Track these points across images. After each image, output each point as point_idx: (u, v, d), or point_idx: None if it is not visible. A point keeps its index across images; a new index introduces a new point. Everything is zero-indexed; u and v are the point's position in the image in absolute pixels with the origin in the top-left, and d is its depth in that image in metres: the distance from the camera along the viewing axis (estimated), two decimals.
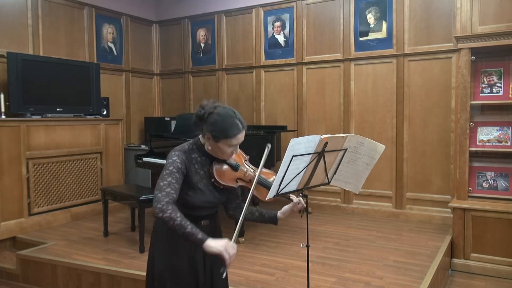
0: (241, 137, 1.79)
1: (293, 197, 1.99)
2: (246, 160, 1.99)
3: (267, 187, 1.95)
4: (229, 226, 3.97)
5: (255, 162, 2.02)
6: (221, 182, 1.86)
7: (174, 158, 1.77)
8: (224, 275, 1.66)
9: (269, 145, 1.91)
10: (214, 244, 1.59)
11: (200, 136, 1.87)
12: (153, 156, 4.50)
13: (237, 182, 1.91)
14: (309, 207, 2.06)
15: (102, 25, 5.65)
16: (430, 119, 4.54)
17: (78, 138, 4.81)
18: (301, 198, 1.99)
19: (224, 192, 1.93)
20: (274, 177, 1.98)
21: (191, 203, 1.81)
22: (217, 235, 1.98)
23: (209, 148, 1.83)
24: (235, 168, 1.90)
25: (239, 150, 1.94)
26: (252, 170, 1.96)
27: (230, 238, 1.66)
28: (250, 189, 1.85)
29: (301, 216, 2.06)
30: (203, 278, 1.89)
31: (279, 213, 2.01)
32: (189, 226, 1.61)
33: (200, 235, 1.60)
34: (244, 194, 1.99)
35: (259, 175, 1.86)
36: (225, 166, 1.88)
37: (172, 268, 1.85)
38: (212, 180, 1.86)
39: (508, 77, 3.69)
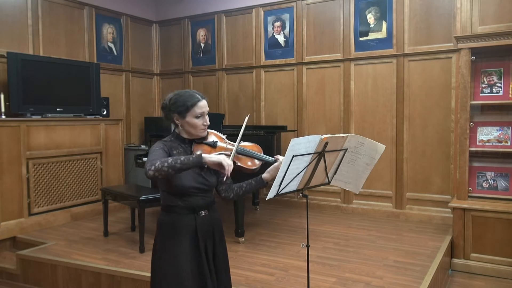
0: (202, 105, 1.91)
1: (278, 157, 2.01)
2: (224, 139, 2.06)
3: (249, 155, 2.00)
4: (229, 226, 3.97)
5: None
6: None
7: (156, 146, 1.88)
8: (227, 180, 1.84)
9: (249, 115, 2.11)
10: (212, 156, 1.74)
11: (175, 129, 1.97)
12: None
13: None
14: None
15: (102, 25, 5.65)
16: (430, 119, 4.54)
17: (78, 138, 4.81)
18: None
19: (211, 172, 1.96)
20: (251, 145, 2.06)
21: (182, 187, 1.85)
22: (216, 227, 2.01)
23: (181, 129, 1.93)
24: (213, 145, 1.96)
25: (216, 132, 2.04)
26: (232, 145, 2.01)
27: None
28: (234, 162, 1.91)
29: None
30: (208, 276, 1.91)
31: (264, 174, 1.99)
32: (181, 157, 1.71)
33: (193, 156, 1.73)
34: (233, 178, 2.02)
35: (237, 145, 1.93)
36: (204, 146, 1.96)
37: (177, 267, 1.87)
38: None
39: (508, 77, 3.69)
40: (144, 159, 4.53)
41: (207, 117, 1.93)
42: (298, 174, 1.96)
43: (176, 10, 6.26)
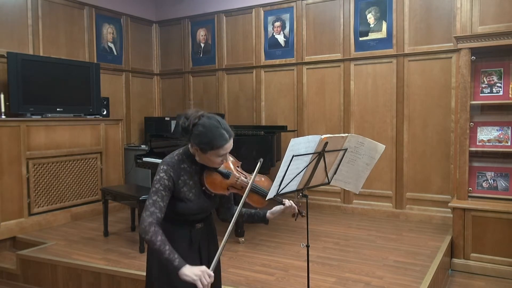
0: (228, 146, 1.77)
1: (285, 201, 1.98)
2: (238, 167, 1.97)
3: (259, 193, 1.95)
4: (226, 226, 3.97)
5: (254, 163, 2.00)
6: (212, 191, 1.86)
7: (162, 175, 1.76)
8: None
9: (261, 160, 1.93)
10: (189, 273, 1.59)
11: (189, 145, 1.84)
12: (153, 156, 4.51)
13: (228, 189, 1.90)
14: (303, 209, 2.05)
15: (102, 25, 5.65)
16: (430, 119, 4.54)
17: (78, 138, 4.81)
18: (292, 202, 1.98)
19: (216, 198, 1.94)
20: (263, 180, 2.00)
21: (182, 213, 1.82)
22: (211, 236, 1.99)
23: (198, 158, 1.82)
24: (226, 176, 1.88)
25: (231, 158, 1.94)
26: (244, 176, 1.94)
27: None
28: (241, 195, 1.85)
29: (295, 220, 2.05)
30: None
31: (268, 213, 2.00)
32: (167, 252, 1.63)
33: (176, 262, 1.62)
34: (236, 198, 1.99)
35: (252, 183, 1.84)
36: (216, 174, 1.87)
37: (171, 276, 1.83)
38: (203, 188, 1.86)
39: (508, 77, 3.69)
40: (144, 159, 4.53)
41: (228, 154, 1.83)
42: (298, 174, 1.96)
43: (176, 10, 6.26)
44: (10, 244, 4.17)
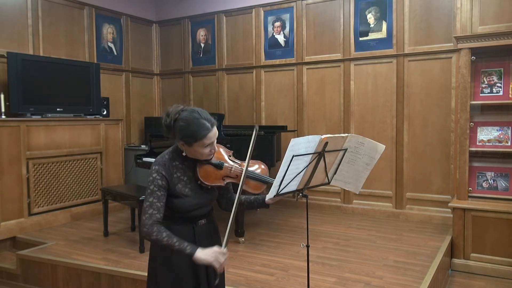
0: (212, 135, 1.77)
1: None
2: (230, 156, 1.98)
3: (256, 179, 1.96)
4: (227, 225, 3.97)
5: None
6: (207, 183, 1.86)
7: (154, 175, 1.77)
8: (217, 281, 1.75)
9: (257, 126, 1.91)
10: (204, 256, 1.66)
11: (177, 144, 1.86)
12: (153, 156, 4.50)
13: (224, 180, 1.90)
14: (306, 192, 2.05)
15: (102, 25, 5.65)
16: (430, 119, 4.54)
17: (78, 138, 4.81)
18: None
19: (214, 190, 1.93)
20: (258, 166, 2.02)
21: (181, 209, 1.82)
22: (213, 232, 1.99)
23: (186, 154, 1.82)
24: (219, 166, 1.88)
25: (222, 147, 1.96)
26: (238, 165, 1.95)
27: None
28: (238, 183, 1.85)
29: (296, 200, 2.03)
30: (204, 278, 1.89)
31: (267, 199, 1.97)
32: (176, 243, 1.67)
33: (188, 250, 1.67)
34: (235, 187, 1.97)
35: (246, 169, 1.83)
36: (209, 167, 1.87)
37: (173, 268, 1.85)
38: (199, 182, 1.85)
39: (508, 77, 3.69)
40: (144, 159, 4.53)
41: (215, 144, 1.82)
42: (298, 174, 1.96)
43: (176, 10, 6.26)
44: (10, 244, 4.17)
